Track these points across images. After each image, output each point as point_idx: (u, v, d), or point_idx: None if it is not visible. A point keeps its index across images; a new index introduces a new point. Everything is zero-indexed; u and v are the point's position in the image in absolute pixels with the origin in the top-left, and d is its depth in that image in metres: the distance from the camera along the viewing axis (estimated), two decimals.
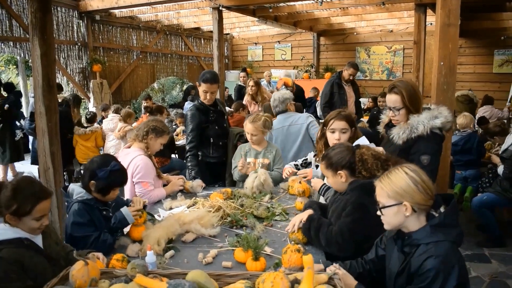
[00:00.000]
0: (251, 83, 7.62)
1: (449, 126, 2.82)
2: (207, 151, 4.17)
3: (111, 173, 2.50)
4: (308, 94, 9.69)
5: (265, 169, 3.75)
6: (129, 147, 3.52)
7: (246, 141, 4.03)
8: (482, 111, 7.46)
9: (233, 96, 10.55)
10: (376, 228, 2.06)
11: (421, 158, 2.69)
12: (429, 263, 1.76)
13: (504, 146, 5.01)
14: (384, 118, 3.11)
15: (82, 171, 2.88)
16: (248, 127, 3.81)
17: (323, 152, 3.15)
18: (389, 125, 3.00)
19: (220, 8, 8.25)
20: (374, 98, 9.88)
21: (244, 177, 3.60)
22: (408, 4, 8.47)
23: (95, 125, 7.25)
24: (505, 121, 7.56)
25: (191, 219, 2.61)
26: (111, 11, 10.27)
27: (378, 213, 1.93)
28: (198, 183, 3.57)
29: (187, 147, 4.09)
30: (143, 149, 3.43)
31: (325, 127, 3.09)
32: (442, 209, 1.90)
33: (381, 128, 3.15)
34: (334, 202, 2.52)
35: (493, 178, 5.35)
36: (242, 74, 10.18)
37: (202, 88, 4.04)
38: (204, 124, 4.09)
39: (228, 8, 8.40)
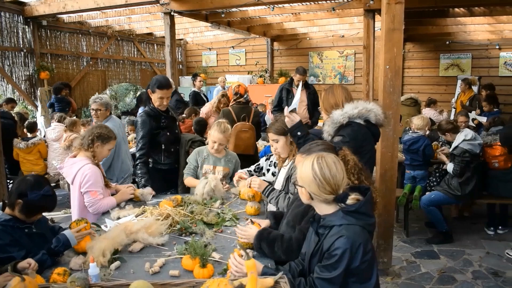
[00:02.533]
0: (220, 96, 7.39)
1: (372, 115, 3.02)
2: (159, 158, 4.10)
3: (42, 198, 2.39)
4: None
5: (225, 178, 3.75)
6: (74, 156, 3.40)
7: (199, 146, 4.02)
8: (423, 113, 7.74)
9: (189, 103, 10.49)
10: None
11: (334, 139, 2.94)
12: (338, 243, 1.86)
13: (454, 144, 5.20)
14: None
15: None
16: (217, 136, 3.76)
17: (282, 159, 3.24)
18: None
19: (172, 13, 8.17)
20: None
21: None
22: (357, 10, 8.69)
23: (37, 137, 6.94)
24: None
25: (138, 228, 2.55)
26: (59, 16, 9.98)
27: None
28: (148, 191, 3.49)
29: (137, 154, 3.98)
30: (89, 157, 3.31)
31: None
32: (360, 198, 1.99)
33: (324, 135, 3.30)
34: (298, 200, 2.42)
35: (440, 177, 5.55)
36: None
37: (157, 94, 3.94)
38: (155, 130, 4.01)
39: (180, 13, 8.33)
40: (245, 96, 5.32)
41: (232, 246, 2.53)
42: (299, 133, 2.94)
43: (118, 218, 3.01)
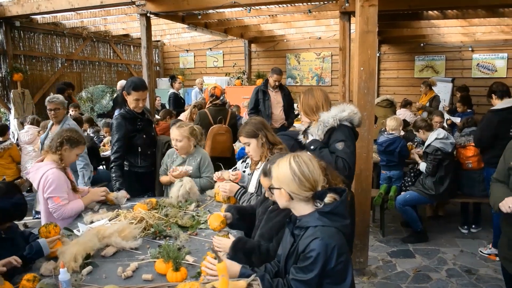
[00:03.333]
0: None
1: (357, 118, 3.12)
2: (135, 161, 4.03)
3: (13, 206, 2.35)
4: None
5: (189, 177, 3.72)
6: (42, 160, 3.33)
7: None
8: (398, 114, 7.86)
9: (167, 105, 10.41)
10: None
11: (336, 145, 2.99)
12: (313, 245, 1.86)
13: (427, 142, 5.29)
14: (300, 126, 3.35)
15: None
16: (173, 132, 3.78)
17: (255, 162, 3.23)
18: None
19: (148, 14, 8.08)
20: None
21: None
22: (333, 12, 8.73)
23: (9, 140, 6.76)
24: None
25: (111, 232, 2.51)
26: (32, 17, 9.75)
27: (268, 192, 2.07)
28: (122, 194, 3.44)
29: (112, 157, 3.91)
30: (56, 161, 3.24)
31: None
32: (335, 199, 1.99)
33: (301, 137, 3.34)
34: (271, 211, 2.46)
35: (415, 177, 5.64)
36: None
37: (133, 96, 3.88)
38: (131, 133, 3.94)
39: (156, 14, 8.25)
40: (221, 98, 5.30)
41: (206, 249, 2.52)
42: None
43: (91, 222, 2.96)
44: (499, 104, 4.66)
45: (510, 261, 2.56)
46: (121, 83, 8.60)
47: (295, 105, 7.42)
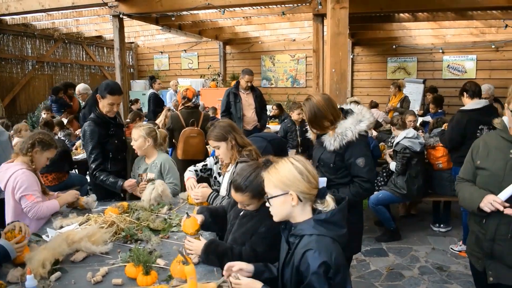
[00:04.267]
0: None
1: (372, 125, 3.17)
2: (105, 166, 3.90)
3: None
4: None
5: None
6: (12, 161, 3.25)
7: None
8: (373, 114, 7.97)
9: (146, 105, 10.33)
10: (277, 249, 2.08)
11: (357, 161, 2.95)
12: (309, 259, 1.78)
13: (396, 140, 5.38)
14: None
15: None
16: (132, 132, 3.77)
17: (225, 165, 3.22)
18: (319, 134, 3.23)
19: (121, 16, 7.98)
20: (278, 105, 10.16)
21: None
22: (307, 14, 8.82)
23: None
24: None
25: (80, 237, 2.46)
26: (1, 18, 9.54)
27: (267, 204, 1.93)
28: (92, 198, 3.38)
29: (93, 166, 3.71)
30: (26, 163, 3.17)
31: None
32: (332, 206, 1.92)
33: (311, 135, 3.33)
34: (244, 216, 2.42)
35: (387, 177, 5.72)
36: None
37: (108, 100, 3.72)
38: (104, 139, 3.80)
39: (129, 16, 8.16)
40: (193, 100, 5.26)
41: (176, 253, 2.50)
42: None
43: (61, 227, 2.90)
44: (468, 104, 4.76)
45: (478, 258, 2.61)
46: (80, 87, 8.47)
47: (269, 106, 7.41)
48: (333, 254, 1.78)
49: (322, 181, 2.00)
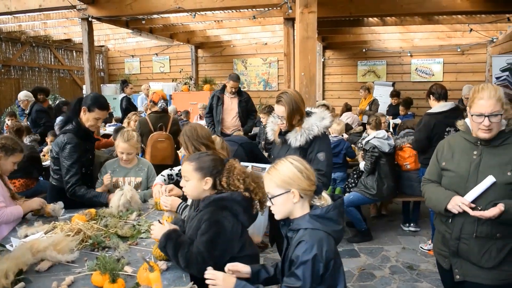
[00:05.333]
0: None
1: (330, 125, 3.25)
2: (83, 181, 3.77)
3: None
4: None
5: (137, 188, 3.63)
6: None
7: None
8: (345, 118, 8.07)
9: (118, 110, 10.19)
10: (231, 242, 2.09)
11: (318, 155, 3.06)
12: (300, 249, 1.88)
13: (366, 139, 5.47)
14: (273, 127, 3.39)
15: None
16: (121, 146, 3.64)
17: None
18: (281, 132, 3.30)
19: (90, 19, 7.86)
20: None
21: None
22: (278, 18, 8.87)
23: None
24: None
25: (45, 246, 2.40)
26: None
27: (268, 203, 2.04)
28: (59, 206, 3.30)
29: (73, 180, 3.48)
30: None
31: None
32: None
33: (271, 136, 3.40)
34: (189, 220, 2.47)
35: (357, 179, 5.80)
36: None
37: (95, 115, 3.54)
38: (83, 153, 3.60)
39: (99, 19, 8.04)
40: (159, 104, 5.21)
41: (147, 258, 2.46)
42: None
43: (26, 236, 2.82)
44: (435, 107, 4.86)
45: (444, 256, 2.67)
46: (22, 94, 8.31)
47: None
48: (324, 248, 1.87)
49: None
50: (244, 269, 2.08)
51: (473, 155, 2.48)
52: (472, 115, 2.41)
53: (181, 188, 2.61)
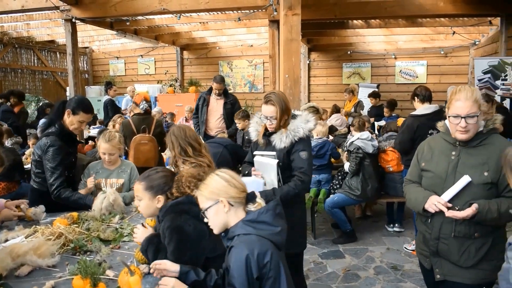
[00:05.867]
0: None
1: (314, 128, 3.27)
2: (67, 184, 3.72)
3: None
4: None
5: (120, 190, 3.59)
6: None
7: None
8: (334, 119, 8.10)
9: (102, 112, 10.09)
10: (199, 244, 2.09)
11: (300, 153, 3.08)
12: (231, 256, 1.89)
13: (351, 140, 5.51)
14: (258, 127, 3.36)
15: None
16: (103, 146, 3.61)
17: None
18: (265, 133, 3.28)
19: (73, 20, 7.78)
20: None
21: None
22: (263, 20, 8.89)
23: None
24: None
25: (25, 250, 2.36)
26: None
27: (205, 220, 2.04)
28: (41, 209, 3.25)
29: (57, 183, 3.41)
30: None
31: None
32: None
33: (255, 137, 3.38)
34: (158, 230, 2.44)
35: (342, 180, 5.83)
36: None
37: (79, 118, 3.51)
38: (65, 155, 3.55)
39: (82, 20, 7.96)
40: (140, 106, 5.18)
41: (130, 261, 2.45)
42: None
43: (6, 240, 2.77)
44: (419, 109, 4.91)
45: (426, 256, 2.70)
46: None
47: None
48: (255, 250, 1.86)
49: (260, 183, 2.10)
50: (172, 267, 2.06)
51: (452, 156, 2.52)
52: (449, 116, 2.46)
53: None
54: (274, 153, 3.14)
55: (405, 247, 5.27)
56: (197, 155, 2.91)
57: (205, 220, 2.04)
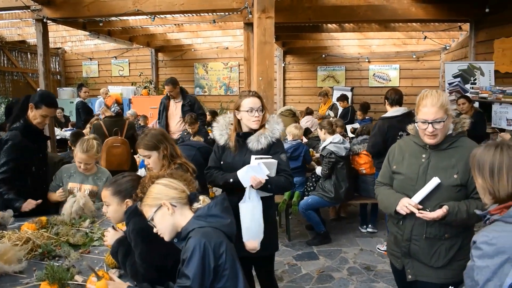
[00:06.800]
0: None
1: (283, 130, 3.25)
2: (26, 182, 3.63)
3: None
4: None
5: (94, 195, 3.53)
6: None
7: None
8: (304, 121, 8.17)
9: (74, 115, 9.92)
10: (165, 244, 2.07)
11: (281, 156, 3.07)
12: (187, 245, 1.88)
13: (323, 144, 5.54)
14: (224, 130, 3.20)
15: None
16: (79, 156, 3.52)
17: None
18: (238, 135, 3.14)
19: (45, 20, 7.62)
20: (212, 112, 10.13)
21: None
22: (238, 23, 8.90)
23: None
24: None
25: None
26: None
27: (155, 230, 2.03)
28: (8, 214, 3.17)
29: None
30: None
31: None
32: None
33: (223, 141, 3.20)
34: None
35: (316, 182, 5.87)
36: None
37: (42, 112, 3.46)
38: (28, 152, 3.50)
39: (54, 20, 7.80)
40: (112, 108, 5.12)
41: (99, 266, 2.41)
42: None
43: None
44: (389, 112, 5.00)
45: (396, 257, 2.74)
46: None
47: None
48: (212, 240, 1.88)
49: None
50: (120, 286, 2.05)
51: (422, 158, 2.57)
52: (417, 122, 2.50)
53: None
54: (270, 156, 3.08)
55: (378, 248, 5.34)
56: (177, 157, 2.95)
57: (154, 230, 2.03)
